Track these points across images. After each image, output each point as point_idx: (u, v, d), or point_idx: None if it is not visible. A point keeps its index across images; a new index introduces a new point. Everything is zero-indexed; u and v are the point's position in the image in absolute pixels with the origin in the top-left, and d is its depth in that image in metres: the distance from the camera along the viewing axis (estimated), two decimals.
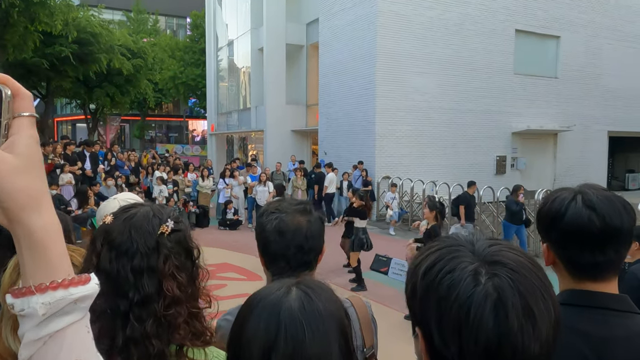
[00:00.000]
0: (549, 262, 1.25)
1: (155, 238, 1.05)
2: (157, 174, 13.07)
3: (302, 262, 1.41)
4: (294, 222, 1.41)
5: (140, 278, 1.01)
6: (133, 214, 1.08)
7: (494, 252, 0.72)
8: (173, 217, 1.12)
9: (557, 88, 17.49)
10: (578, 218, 1.15)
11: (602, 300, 1.15)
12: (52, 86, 19.65)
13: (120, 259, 1.02)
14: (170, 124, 43.26)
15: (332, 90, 16.46)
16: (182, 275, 1.06)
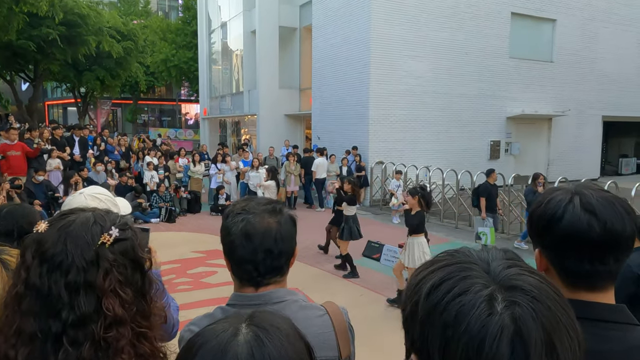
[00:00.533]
0: (541, 268, 1.14)
1: (94, 249, 0.92)
2: (148, 159, 12.90)
3: (272, 267, 1.29)
4: (262, 224, 1.28)
5: (75, 295, 0.88)
6: (70, 222, 0.95)
7: (512, 275, 0.62)
8: (119, 224, 0.99)
9: (552, 72, 17.35)
10: (576, 223, 1.03)
11: (599, 312, 1.05)
12: (40, 69, 19.27)
13: (52, 273, 0.89)
14: (163, 108, 42.81)
15: (325, 74, 16.23)
16: (126, 291, 0.93)
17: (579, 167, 18.25)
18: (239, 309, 1.28)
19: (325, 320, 1.31)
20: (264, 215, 1.30)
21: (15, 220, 2.08)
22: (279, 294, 1.29)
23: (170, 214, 11.41)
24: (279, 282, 1.32)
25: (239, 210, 1.32)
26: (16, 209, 2.15)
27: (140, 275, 0.99)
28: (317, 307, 1.35)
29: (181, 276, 7.24)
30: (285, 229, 1.31)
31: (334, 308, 1.37)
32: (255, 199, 1.39)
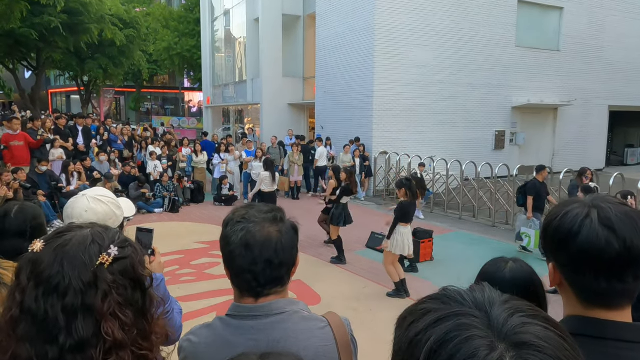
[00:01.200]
0: (554, 283, 1.10)
1: (92, 270, 0.88)
2: (151, 149, 12.86)
3: (272, 278, 1.25)
4: (262, 234, 1.24)
5: (73, 319, 0.84)
6: (67, 241, 0.90)
7: (518, 327, 0.55)
8: (118, 241, 0.94)
9: (559, 61, 17.15)
10: (594, 240, 0.98)
11: (615, 331, 1.00)
12: (42, 58, 19.18)
13: (49, 296, 0.85)
14: (166, 96, 42.68)
15: (329, 63, 16.09)
16: (127, 313, 0.89)
17: (585, 158, 18.11)
18: (239, 320, 1.25)
19: (326, 333, 1.28)
20: (265, 224, 1.26)
21: (29, 220, 2.06)
22: (280, 305, 1.26)
23: (173, 204, 11.41)
24: (280, 293, 1.29)
25: (238, 218, 1.28)
26: (26, 208, 2.13)
27: (141, 294, 0.95)
28: (319, 318, 1.31)
29: (185, 267, 7.24)
30: (286, 238, 1.27)
31: (336, 320, 1.33)
32: (256, 206, 1.33)
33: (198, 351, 1.26)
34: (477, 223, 10.68)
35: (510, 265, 1.54)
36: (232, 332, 1.24)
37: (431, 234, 7.89)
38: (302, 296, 6.20)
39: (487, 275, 1.55)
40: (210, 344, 1.25)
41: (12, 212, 2.06)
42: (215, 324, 1.29)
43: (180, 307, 1.97)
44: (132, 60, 23.51)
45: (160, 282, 1.71)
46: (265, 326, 1.23)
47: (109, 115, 27.22)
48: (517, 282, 1.49)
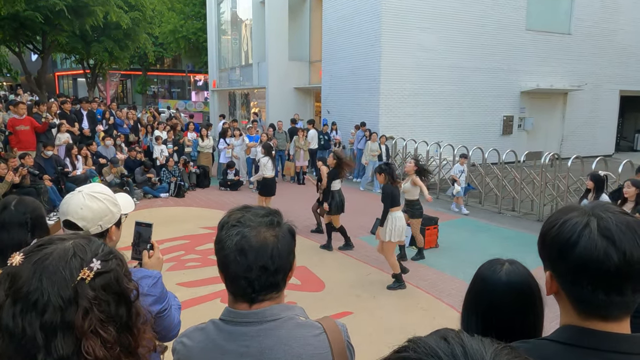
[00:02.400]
0: (551, 291, 1.07)
1: (72, 286, 0.84)
2: (157, 133, 12.85)
3: (268, 284, 1.22)
4: (258, 239, 1.20)
5: (52, 337, 0.81)
6: (47, 255, 0.86)
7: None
8: (101, 254, 0.91)
9: (570, 45, 16.84)
10: (592, 251, 0.94)
11: (612, 343, 0.97)
12: (47, 41, 19.10)
13: (27, 313, 0.81)
14: (173, 79, 42.56)
15: (336, 46, 15.90)
16: (109, 330, 0.86)
17: (594, 143, 17.92)
18: (232, 326, 1.23)
19: (321, 340, 1.25)
20: (261, 229, 1.22)
21: (29, 213, 2.08)
22: (274, 311, 1.24)
23: (179, 188, 11.43)
24: (275, 299, 1.26)
25: (234, 222, 1.25)
26: (25, 201, 2.15)
27: (125, 308, 0.91)
28: (314, 325, 1.28)
29: (190, 253, 7.27)
30: (282, 243, 1.23)
31: (331, 325, 1.30)
32: (253, 209, 1.30)
33: (191, 354, 1.25)
34: (483, 209, 10.62)
35: (506, 268, 1.50)
36: (225, 337, 1.23)
37: (436, 221, 7.85)
38: (307, 282, 6.22)
39: (482, 278, 1.52)
40: (203, 348, 1.24)
41: (11, 204, 2.06)
42: (208, 328, 1.27)
43: (179, 302, 1.96)
44: (137, 43, 23.38)
45: (157, 280, 1.70)
46: (258, 333, 1.21)
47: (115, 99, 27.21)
48: (513, 285, 1.46)
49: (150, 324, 0.98)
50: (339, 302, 5.64)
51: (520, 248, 7.44)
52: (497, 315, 1.43)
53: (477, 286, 1.52)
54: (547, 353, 1.01)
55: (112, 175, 10.65)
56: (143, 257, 1.88)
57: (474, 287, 1.53)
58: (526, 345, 1.07)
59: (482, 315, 1.47)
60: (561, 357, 0.99)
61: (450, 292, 5.92)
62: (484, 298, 1.49)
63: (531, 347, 1.06)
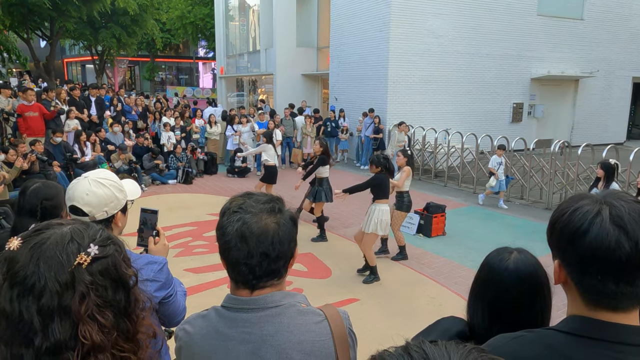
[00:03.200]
0: (559, 281, 1.04)
1: (69, 271, 0.84)
2: (164, 120, 12.87)
3: (269, 270, 1.22)
4: (259, 225, 1.20)
5: (49, 322, 0.81)
6: (44, 239, 0.86)
7: None
8: (98, 240, 0.91)
9: (582, 31, 16.55)
10: (603, 239, 0.92)
11: (619, 334, 0.95)
12: (55, 27, 19.11)
13: (24, 298, 0.82)
14: (180, 66, 42.47)
15: (344, 32, 15.75)
16: (106, 315, 0.86)
17: (605, 131, 17.70)
18: (234, 312, 1.23)
19: (323, 327, 1.25)
20: (262, 215, 1.21)
21: (40, 201, 2.08)
22: (275, 298, 1.23)
23: (187, 175, 11.47)
24: (276, 285, 1.26)
25: (235, 208, 1.24)
26: (41, 188, 2.14)
27: (124, 294, 0.92)
28: (316, 312, 1.28)
29: (197, 239, 7.31)
30: (284, 230, 1.23)
31: (333, 313, 1.29)
32: (255, 195, 1.29)
33: (192, 341, 1.26)
34: (491, 197, 10.56)
35: (514, 256, 1.49)
36: (226, 323, 1.23)
37: (444, 209, 7.82)
38: (313, 269, 6.24)
39: (490, 266, 1.51)
40: (205, 334, 1.25)
41: (28, 189, 2.08)
42: (210, 315, 1.27)
43: (184, 289, 1.96)
44: (145, 29, 23.36)
45: (163, 266, 1.70)
46: (259, 319, 1.21)
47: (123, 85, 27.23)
48: (521, 274, 1.44)
49: (149, 310, 0.98)
50: (345, 288, 5.66)
51: (529, 236, 7.41)
52: (503, 304, 1.42)
53: (484, 274, 1.51)
54: (552, 342, 1.00)
55: (121, 162, 10.70)
56: (149, 243, 1.88)
57: (481, 276, 1.52)
58: (531, 334, 1.06)
59: (489, 304, 1.45)
60: (567, 347, 0.98)
61: (457, 280, 5.91)
62: (490, 286, 1.47)
63: (536, 336, 1.04)
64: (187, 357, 1.26)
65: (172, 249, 6.66)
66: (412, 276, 6.12)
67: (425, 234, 7.68)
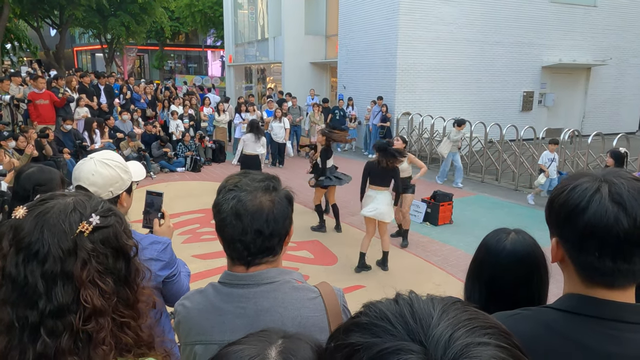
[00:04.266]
0: (556, 259, 1.05)
1: (72, 238, 0.88)
2: (173, 108, 12.92)
3: (264, 247, 1.25)
4: (254, 203, 1.22)
5: (52, 286, 0.86)
6: (48, 208, 0.91)
7: (459, 352, 0.48)
8: (100, 210, 0.95)
9: (595, 18, 16.26)
10: (602, 216, 0.92)
11: (615, 311, 0.96)
12: (65, 15, 19.19)
13: (29, 263, 0.86)
14: (189, 54, 42.44)
15: (352, 20, 15.63)
16: (107, 281, 0.90)
17: (616, 120, 17.47)
18: (230, 288, 1.26)
19: (317, 303, 1.27)
20: (257, 193, 1.24)
21: (32, 186, 2.10)
22: (271, 274, 1.26)
23: (195, 163, 11.54)
24: (272, 262, 1.28)
25: (231, 186, 1.27)
26: (34, 173, 2.16)
27: (124, 263, 0.96)
28: (310, 288, 1.30)
29: (205, 226, 7.38)
30: (278, 208, 1.25)
31: (327, 290, 1.32)
32: (251, 174, 1.31)
33: (190, 315, 1.29)
34: (499, 187, 10.52)
35: (511, 237, 1.50)
36: (222, 299, 1.26)
37: (451, 197, 7.82)
38: (320, 256, 6.29)
39: (487, 247, 1.52)
40: (202, 309, 1.28)
41: (22, 174, 2.11)
42: (207, 290, 1.31)
43: (188, 269, 2.00)
44: (153, 17, 23.39)
45: (166, 246, 1.74)
46: (254, 295, 1.23)
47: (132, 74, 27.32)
48: (518, 254, 1.45)
49: (149, 280, 1.02)
50: (351, 275, 5.70)
51: (536, 225, 7.36)
52: (500, 284, 1.43)
53: (482, 255, 1.52)
54: (548, 320, 1.01)
55: (130, 149, 10.79)
56: (154, 225, 1.92)
57: (478, 256, 1.53)
58: (527, 312, 1.07)
59: (486, 284, 1.47)
60: (562, 324, 0.99)
61: (464, 268, 5.88)
62: (487, 267, 1.49)
63: (532, 314, 1.05)
64: (184, 331, 1.29)
65: (180, 235, 6.73)
66: (419, 264, 6.14)
67: (432, 222, 7.68)
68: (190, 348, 1.26)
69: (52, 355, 0.84)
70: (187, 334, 1.29)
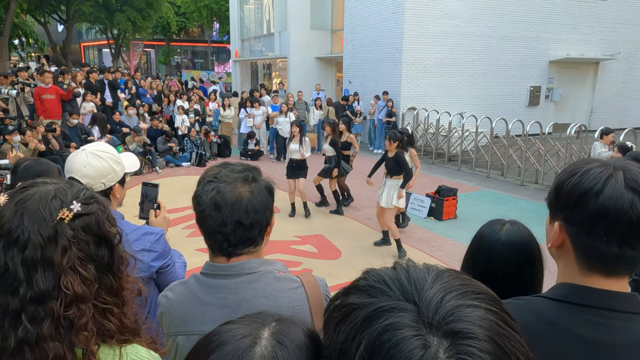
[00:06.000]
0: (556, 243, 1.04)
1: (52, 225, 0.89)
2: (179, 103, 12.95)
3: (244, 238, 1.24)
4: (233, 194, 1.22)
5: (33, 272, 0.86)
6: (29, 195, 0.91)
7: (449, 315, 0.51)
8: (82, 198, 0.95)
9: (604, 11, 16.06)
10: (618, 200, 0.91)
11: (607, 300, 0.96)
12: (71, 10, 19.26)
13: (9, 249, 0.87)
14: (196, 50, 42.46)
15: (358, 14, 15.56)
16: (88, 268, 0.90)
17: (624, 115, 17.28)
18: (211, 278, 1.26)
19: (299, 293, 1.27)
20: (236, 184, 1.23)
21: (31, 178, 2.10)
22: (252, 264, 1.26)
23: (200, 158, 11.58)
24: (253, 253, 1.28)
25: (210, 177, 1.26)
26: (32, 165, 2.17)
27: (107, 251, 0.96)
28: (292, 279, 1.30)
29: None
30: (258, 199, 1.24)
31: (310, 280, 1.31)
32: (231, 165, 1.31)
33: (172, 306, 1.29)
34: (505, 182, 10.46)
35: (506, 228, 1.49)
36: (204, 289, 1.26)
37: (455, 192, 7.79)
38: (323, 250, 6.29)
39: (481, 237, 1.51)
40: (184, 300, 1.28)
41: (20, 167, 2.12)
42: (190, 281, 1.31)
43: (184, 260, 2.01)
44: (160, 12, 23.42)
45: (160, 237, 1.74)
46: (236, 285, 1.23)
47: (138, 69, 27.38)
48: (513, 245, 1.44)
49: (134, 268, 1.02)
50: (354, 269, 5.65)
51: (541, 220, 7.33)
52: (495, 275, 1.43)
53: (476, 245, 1.52)
54: (539, 309, 1.01)
55: (135, 144, 10.83)
56: (150, 216, 1.92)
57: (473, 246, 1.53)
58: (519, 301, 1.06)
59: (480, 274, 1.46)
60: (553, 313, 0.99)
61: None
62: (481, 257, 1.48)
63: (524, 303, 1.05)
64: (167, 321, 1.30)
65: (185, 229, 6.76)
66: (422, 258, 6.13)
67: (436, 217, 7.66)
68: (173, 339, 1.27)
69: (34, 341, 0.84)
70: (169, 324, 1.29)
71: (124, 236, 1.01)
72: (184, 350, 1.24)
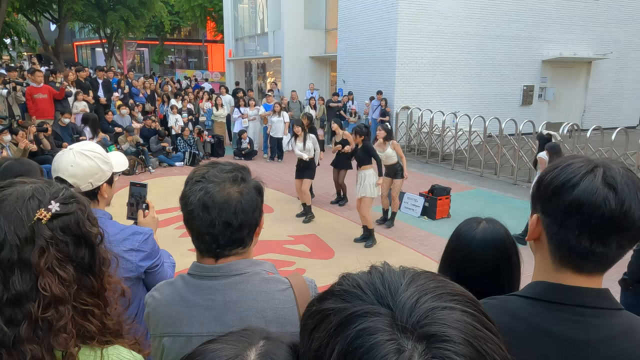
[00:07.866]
0: (533, 236, 1.04)
1: (29, 226, 0.87)
2: (172, 102, 12.89)
3: (233, 239, 1.22)
4: (221, 195, 1.19)
5: (9, 274, 0.84)
6: (5, 195, 0.90)
7: (423, 318, 0.50)
8: (60, 197, 0.93)
9: (596, 11, 16.15)
10: (592, 194, 0.91)
11: (579, 296, 0.96)
12: (64, 9, 19.14)
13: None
14: (190, 49, 42.35)
15: (352, 13, 15.55)
16: (67, 269, 0.89)
17: (617, 114, 17.40)
18: (198, 279, 1.24)
19: (287, 295, 1.25)
20: (225, 185, 1.21)
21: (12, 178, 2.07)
22: (240, 265, 1.24)
23: (193, 157, 11.53)
24: (241, 254, 1.26)
25: (198, 177, 1.24)
26: (13, 165, 2.14)
27: (88, 251, 0.94)
28: (281, 280, 1.28)
29: None
30: (247, 199, 1.22)
31: (299, 281, 1.29)
32: (219, 165, 1.28)
33: (159, 307, 1.27)
34: (498, 181, 10.50)
35: (482, 225, 1.50)
36: (191, 290, 1.24)
37: (449, 191, 7.80)
38: (316, 250, 6.28)
39: (458, 235, 1.52)
40: (170, 301, 1.26)
41: (1, 167, 2.09)
42: (176, 282, 1.29)
43: (173, 260, 1.99)
44: (153, 11, 23.31)
45: (148, 237, 1.73)
46: (223, 286, 1.22)
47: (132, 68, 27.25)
48: (488, 243, 1.45)
49: (116, 269, 1.00)
50: (348, 269, 5.66)
51: None
52: (471, 273, 1.43)
53: (453, 243, 1.53)
54: (513, 308, 1.01)
55: (128, 144, 10.77)
56: (138, 216, 1.91)
57: (450, 244, 1.54)
58: (493, 301, 1.07)
59: (457, 272, 1.47)
60: (526, 311, 0.99)
61: None
62: (458, 255, 1.49)
63: (497, 302, 1.05)
64: (153, 322, 1.28)
65: (177, 229, 6.73)
66: (415, 257, 6.13)
67: (429, 216, 7.67)
68: (159, 340, 1.25)
69: (11, 343, 0.83)
70: (155, 325, 1.27)
71: (109, 236, 0.99)
72: (170, 352, 1.22)
